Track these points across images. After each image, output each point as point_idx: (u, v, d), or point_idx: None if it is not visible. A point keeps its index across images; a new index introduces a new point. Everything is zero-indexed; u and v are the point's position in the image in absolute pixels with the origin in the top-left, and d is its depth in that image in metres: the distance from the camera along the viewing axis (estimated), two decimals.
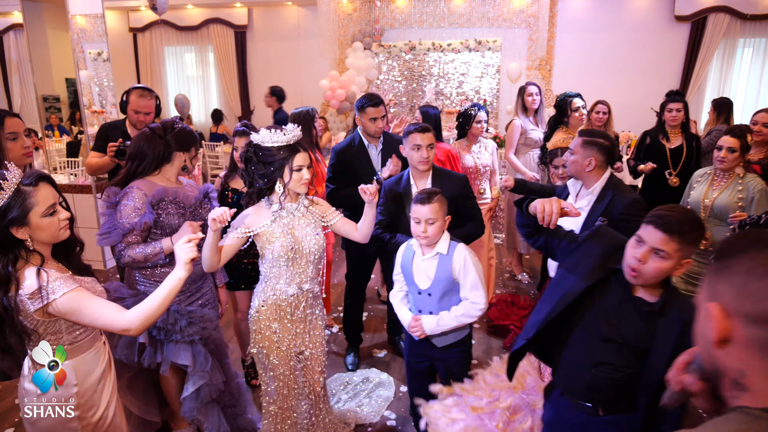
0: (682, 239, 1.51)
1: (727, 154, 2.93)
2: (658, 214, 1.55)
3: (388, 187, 2.87)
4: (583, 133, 2.53)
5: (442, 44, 8.37)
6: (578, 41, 8.43)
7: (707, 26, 8.11)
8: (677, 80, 8.43)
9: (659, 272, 1.53)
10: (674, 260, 1.52)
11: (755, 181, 2.96)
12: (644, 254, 1.53)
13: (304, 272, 2.30)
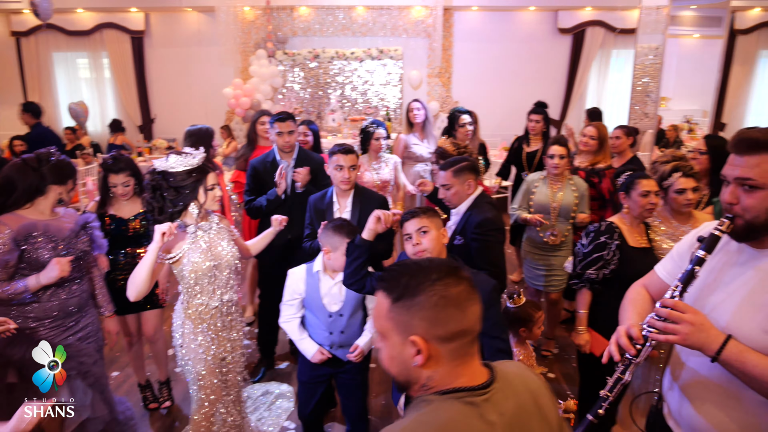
0: (426, 214, 2.07)
1: (559, 161, 3.36)
2: (408, 212, 2.08)
3: (313, 201, 2.99)
4: (446, 165, 2.70)
5: (346, 53, 8.54)
6: (474, 51, 8.92)
7: (586, 38, 8.88)
8: (563, 87, 9.17)
9: (433, 241, 2.04)
10: (435, 229, 2.06)
11: (579, 180, 3.51)
12: (417, 238, 2.04)
13: (224, 285, 2.43)
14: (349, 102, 8.71)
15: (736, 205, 1.34)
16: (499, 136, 8.66)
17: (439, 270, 1.04)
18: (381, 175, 4.10)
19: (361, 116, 8.19)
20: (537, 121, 4.58)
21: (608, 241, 2.42)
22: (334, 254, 2.39)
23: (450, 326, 1.01)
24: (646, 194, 2.41)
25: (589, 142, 3.84)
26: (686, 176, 2.45)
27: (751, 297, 1.33)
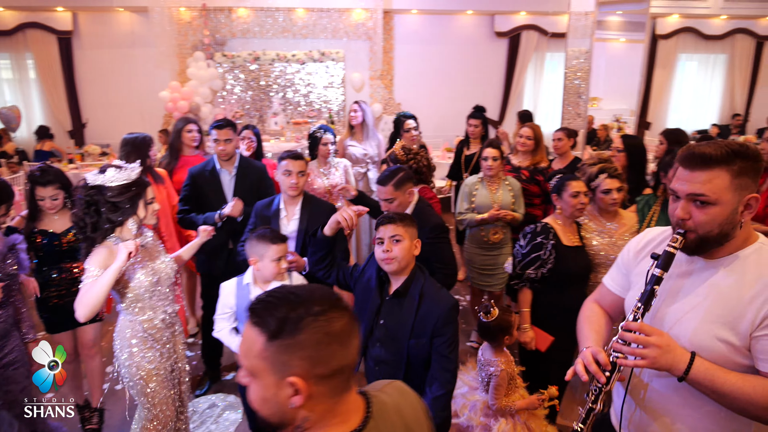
0: (403, 222, 2.03)
1: (493, 163, 3.49)
2: (383, 216, 2.08)
3: (259, 208, 2.94)
4: (384, 180, 2.69)
5: (287, 55, 8.47)
6: (415, 53, 9.06)
7: (521, 42, 9.21)
8: (500, 89, 9.47)
9: (404, 251, 2.01)
10: (408, 239, 2.02)
11: (513, 180, 3.67)
12: (388, 245, 2.00)
13: (166, 297, 2.39)
14: (292, 105, 8.64)
15: (689, 221, 1.32)
16: (441, 137, 8.83)
17: (322, 302, 0.95)
18: (331, 180, 4.05)
19: (303, 119, 8.15)
20: (476, 125, 4.73)
21: (544, 242, 2.54)
22: (261, 263, 2.39)
23: (332, 364, 0.93)
24: (576, 195, 2.55)
25: (525, 142, 3.99)
26: (611, 177, 2.61)
27: (708, 310, 1.34)
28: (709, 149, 1.30)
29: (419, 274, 2.08)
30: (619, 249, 2.61)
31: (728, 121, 10.23)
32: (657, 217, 2.70)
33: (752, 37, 10.08)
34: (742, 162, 1.28)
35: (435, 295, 2.02)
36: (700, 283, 1.38)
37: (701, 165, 1.30)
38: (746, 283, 1.32)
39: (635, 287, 1.53)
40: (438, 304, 1.98)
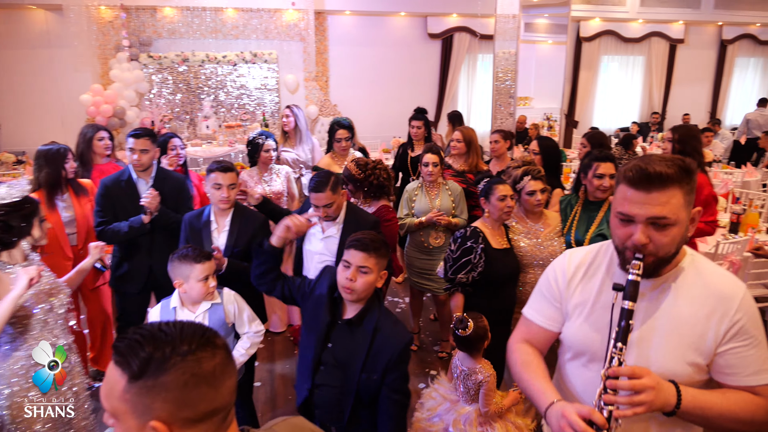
0: (377, 254, 1.88)
1: (433, 169, 3.52)
2: (355, 238, 1.91)
3: (188, 220, 2.82)
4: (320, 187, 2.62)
5: (218, 56, 8.22)
6: (349, 54, 9.04)
7: (454, 43, 9.39)
8: (435, 90, 9.61)
9: (367, 285, 1.88)
10: (375, 273, 1.88)
11: (453, 185, 3.67)
12: (353, 273, 1.86)
13: (58, 328, 2.16)
14: (224, 107, 8.40)
15: (649, 245, 1.24)
16: (378, 138, 8.86)
17: (191, 341, 0.87)
18: (273, 187, 3.94)
19: (237, 122, 7.94)
20: (418, 127, 4.73)
21: (474, 246, 2.58)
22: (187, 285, 2.26)
23: (200, 407, 0.86)
24: (503, 198, 2.60)
25: (456, 145, 4.05)
26: (535, 179, 2.69)
27: (672, 334, 1.28)
28: (662, 168, 1.22)
29: (375, 305, 1.96)
30: (546, 249, 2.72)
31: (647, 118, 10.86)
32: (578, 217, 2.80)
33: (666, 40, 10.75)
34: (689, 177, 1.24)
35: (390, 330, 1.91)
36: (656, 306, 1.31)
37: (658, 185, 1.22)
38: (697, 298, 1.29)
39: (576, 319, 1.43)
40: (393, 340, 1.88)
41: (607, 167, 2.70)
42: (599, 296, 1.39)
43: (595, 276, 1.42)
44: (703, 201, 2.96)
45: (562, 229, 2.83)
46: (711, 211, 2.99)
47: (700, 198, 2.95)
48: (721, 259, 3.75)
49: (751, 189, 6.39)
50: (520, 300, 2.77)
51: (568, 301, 1.45)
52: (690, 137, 3.06)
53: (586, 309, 1.41)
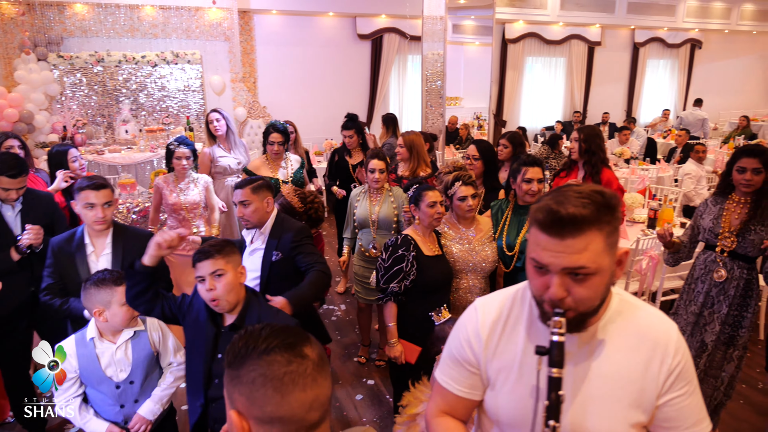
0: (222, 253, 1.86)
1: (379, 176, 3.44)
2: (196, 252, 1.89)
3: (57, 245, 2.52)
4: (242, 183, 2.58)
5: (136, 56, 7.76)
6: (278, 55, 8.82)
7: (384, 44, 9.38)
8: (367, 91, 9.56)
9: (229, 286, 1.86)
10: (232, 271, 1.87)
11: (398, 192, 3.59)
12: (210, 282, 1.83)
13: None
14: (145, 111, 7.95)
15: (568, 298, 1.07)
16: (310, 140, 8.70)
17: (271, 341, 0.90)
18: (188, 197, 3.73)
19: (159, 126, 7.52)
20: (350, 136, 4.63)
21: (405, 253, 2.53)
22: (109, 312, 2.07)
23: (267, 409, 0.88)
24: (433, 205, 2.57)
25: (399, 150, 3.97)
26: (466, 184, 2.68)
27: (612, 396, 1.14)
28: (576, 209, 1.03)
29: (253, 301, 1.95)
30: (479, 255, 2.71)
31: (570, 117, 11.34)
32: (509, 222, 2.82)
33: (585, 43, 11.28)
34: (610, 214, 1.06)
35: (273, 319, 1.89)
36: (587, 366, 1.15)
37: (572, 231, 1.04)
38: (632, 348, 1.15)
39: (502, 387, 1.23)
40: None
41: (534, 172, 2.73)
42: (525, 357, 1.19)
43: (515, 331, 1.22)
44: None
45: (494, 233, 2.84)
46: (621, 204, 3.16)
47: None
48: (641, 254, 3.94)
49: (664, 184, 6.80)
50: (455, 306, 2.76)
51: (488, 366, 1.24)
52: (594, 136, 3.25)
53: (512, 374, 1.21)
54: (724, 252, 2.64)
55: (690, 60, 12.56)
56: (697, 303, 2.77)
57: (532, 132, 10.88)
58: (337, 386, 3.55)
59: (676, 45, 12.22)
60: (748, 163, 2.50)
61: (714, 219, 2.68)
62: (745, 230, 2.55)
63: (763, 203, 2.51)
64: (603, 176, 3.21)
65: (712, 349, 2.72)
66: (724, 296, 2.66)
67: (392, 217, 3.50)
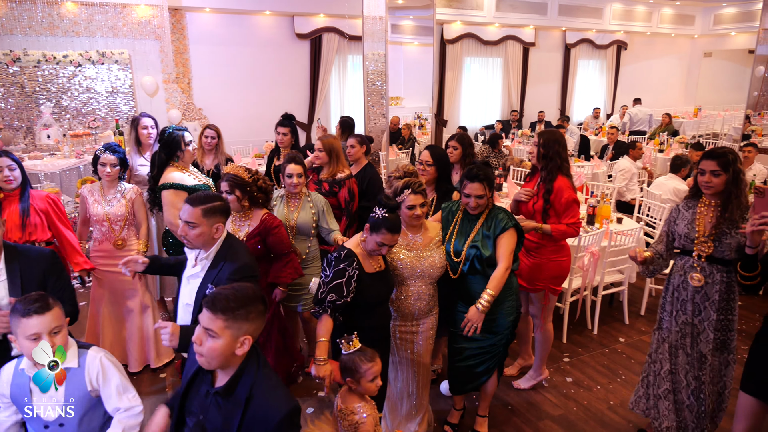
0: (227, 316, 1.53)
1: (297, 180, 3.31)
2: (212, 293, 1.60)
3: None
4: (194, 201, 2.30)
5: (57, 55, 7.24)
6: (213, 54, 8.49)
7: (323, 44, 9.24)
8: (307, 91, 9.40)
9: (215, 352, 1.54)
10: (227, 338, 1.54)
11: (317, 197, 3.48)
12: (198, 336, 1.56)
13: None
14: (69, 114, 7.44)
15: None
16: (249, 143, 8.45)
17: None
18: (112, 209, 3.45)
19: (85, 131, 7.06)
20: (284, 133, 4.49)
21: (347, 268, 2.39)
22: (18, 343, 1.86)
23: None
24: (382, 245, 2.39)
25: (319, 155, 3.86)
26: (415, 193, 2.59)
27: None
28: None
29: (252, 368, 1.63)
30: (426, 261, 2.65)
31: (508, 116, 11.63)
32: (459, 227, 2.79)
33: (520, 43, 11.59)
34: None
35: (266, 397, 1.58)
36: None
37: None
38: None
39: None
40: (269, 411, 1.55)
41: (473, 188, 2.66)
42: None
43: None
44: (564, 204, 3.06)
45: (444, 236, 2.80)
46: (573, 213, 3.09)
47: (560, 201, 3.07)
48: (582, 251, 4.05)
49: (599, 181, 7.08)
50: (403, 313, 2.71)
51: None
52: (553, 141, 3.09)
53: None
54: (701, 257, 2.57)
55: (617, 60, 13.19)
56: (686, 312, 2.66)
57: (472, 131, 11.06)
58: None
59: (604, 46, 12.80)
60: (707, 165, 2.49)
61: (688, 224, 2.63)
62: (721, 234, 2.50)
63: (729, 207, 2.48)
64: (555, 183, 3.07)
65: (711, 358, 2.64)
66: (710, 302, 2.59)
67: (311, 222, 3.38)
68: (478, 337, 2.76)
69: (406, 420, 2.92)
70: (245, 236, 2.99)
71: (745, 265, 2.20)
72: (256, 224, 3.02)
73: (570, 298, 4.13)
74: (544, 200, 3.10)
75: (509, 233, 2.71)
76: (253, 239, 2.99)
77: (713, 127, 12.36)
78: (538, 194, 3.14)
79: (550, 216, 3.11)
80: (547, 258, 3.19)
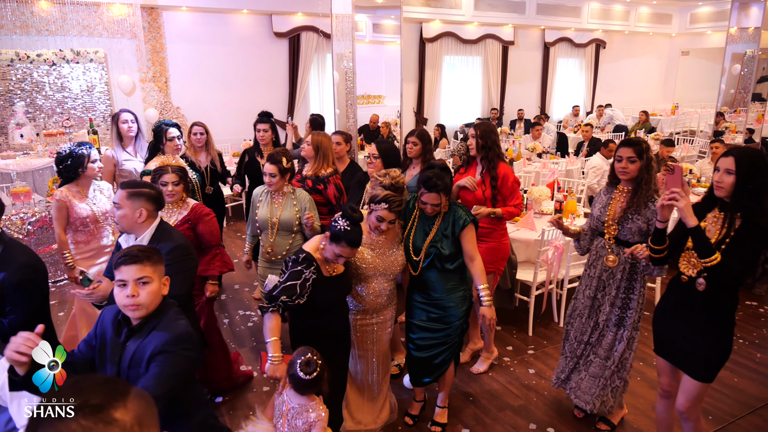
0: (151, 261, 1.77)
1: (270, 179, 3.35)
2: (122, 254, 1.78)
3: None
4: (125, 184, 2.44)
5: (30, 54, 7.19)
6: (191, 53, 8.47)
7: (301, 42, 9.26)
8: (286, 90, 9.41)
9: (153, 295, 1.76)
10: (156, 279, 1.78)
11: (302, 194, 3.52)
12: (133, 288, 1.73)
13: None
14: (44, 113, 7.39)
15: None
16: (228, 142, 8.46)
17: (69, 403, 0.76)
18: (99, 206, 3.48)
19: (59, 130, 7.02)
20: (265, 130, 4.54)
21: (304, 271, 2.40)
22: None
23: None
24: (339, 257, 2.42)
25: (306, 149, 3.90)
26: (392, 211, 2.60)
27: None
28: None
29: (165, 311, 1.81)
30: (388, 259, 2.70)
31: (488, 114, 11.72)
32: (416, 225, 2.84)
33: (499, 42, 11.68)
34: None
35: (166, 325, 1.77)
36: None
37: None
38: None
39: None
40: (162, 333, 1.74)
41: (430, 197, 2.68)
42: None
43: None
44: (510, 188, 3.34)
45: (402, 235, 2.85)
46: (517, 195, 3.39)
47: (507, 185, 3.34)
48: (547, 245, 4.12)
49: (573, 177, 7.18)
50: (364, 308, 2.76)
51: None
52: (489, 132, 3.36)
53: None
54: (611, 239, 2.81)
55: (596, 59, 13.34)
56: (591, 287, 2.93)
57: (452, 129, 11.14)
58: (251, 394, 3.46)
59: (583, 45, 12.94)
60: (624, 152, 2.68)
61: (602, 208, 2.84)
62: (624, 218, 2.72)
63: (639, 192, 2.68)
64: (499, 170, 3.32)
65: (603, 327, 2.91)
66: (612, 280, 2.84)
67: (294, 219, 3.43)
68: (433, 327, 2.82)
69: (368, 407, 2.97)
70: (175, 222, 3.05)
71: (655, 239, 2.34)
72: (187, 212, 3.09)
73: (536, 292, 4.20)
74: (492, 186, 3.32)
75: (469, 228, 2.78)
76: (183, 225, 3.04)
77: (690, 124, 12.56)
78: (484, 182, 3.36)
79: (498, 201, 3.35)
80: (498, 241, 3.44)
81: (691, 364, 2.33)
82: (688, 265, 2.27)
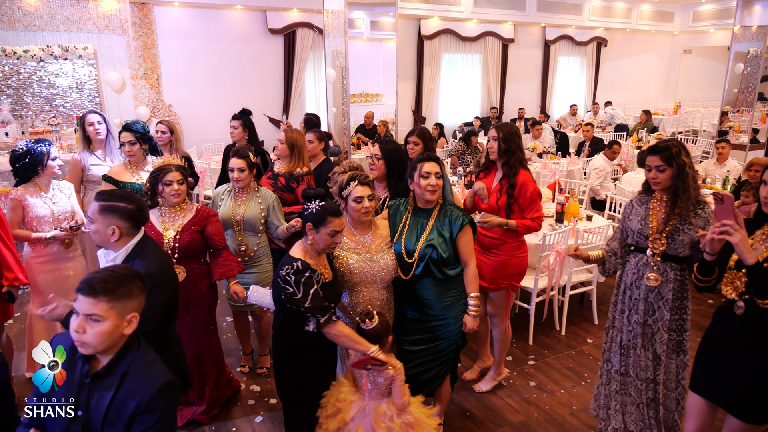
0: (110, 297, 1.51)
1: (239, 174, 3.18)
2: (85, 279, 1.54)
3: None
4: (101, 195, 2.20)
5: (17, 50, 7.00)
6: (183, 50, 8.28)
7: (297, 39, 9.07)
8: (281, 87, 9.22)
9: (103, 336, 1.52)
10: (113, 319, 1.52)
11: (267, 192, 3.35)
12: (80, 324, 1.51)
13: None
14: (31, 111, 7.20)
15: None
16: (222, 141, 8.26)
17: None
18: (60, 206, 3.31)
19: (46, 128, 6.84)
20: (235, 126, 4.33)
21: (312, 276, 2.24)
22: None
23: None
24: (334, 234, 2.28)
25: (279, 147, 3.73)
26: (362, 184, 2.46)
27: None
28: None
29: (133, 345, 1.61)
30: (378, 264, 2.50)
31: (488, 113, 11.53)
32: (409, 225, 2.65)
33: (499, 39, 11.49)
34: None
35: (141, 372, 1.57)
36: None
37: None
38: None
39: None
40: (142, 385, 1.54)
41: (431, 166, 2.57)
42: None
43: None
44: (529, 198, 3.01)
45: (392, 237, 2.66)
46: (537, 207, 3.04)
47: (525, 195, 3.01)
48: (548, 250, 3.93)
49: (574, 178, 6.99)
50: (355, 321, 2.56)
51: None
52: (513, 134, 3.03)
53: None
54: (656, 255, 2.49)
55: (597, 57, 13.15)
56: (638, 311, 2.57)
57: (450, 128, 10.95)
58: (236, 408, 3.27)
59: (584, 43, 12.75)
60: (651, 161, 2.43)
61: (641, 220, 2.54)
62: (674, 231, 2.42)
63: (678, 203, 2.41)
64: (519, 178, 3.01)
65: (666, 359, 2.57)
66: (663, 302, 2.51)
67: (259, 218, 3.27)
68: (426, 343, 2.63)
69: None
70: (180, 227, 2.86)
71: (703, 270, 2.10)
72: (193, 215, 2.93)
73: (537, 299, 4.02)
74: (508, 195, 3.02)
75: (467, 230, 2.59)
76: (190, 229, 2.87)
77: (693, 124, 12.38)
78: (501, 190, 3.05)
79: (513, 211, 3.03)
80: (510, 254, 3.12)
81: (740, 405, 2.06)
82: (730, 288, 2.02)
